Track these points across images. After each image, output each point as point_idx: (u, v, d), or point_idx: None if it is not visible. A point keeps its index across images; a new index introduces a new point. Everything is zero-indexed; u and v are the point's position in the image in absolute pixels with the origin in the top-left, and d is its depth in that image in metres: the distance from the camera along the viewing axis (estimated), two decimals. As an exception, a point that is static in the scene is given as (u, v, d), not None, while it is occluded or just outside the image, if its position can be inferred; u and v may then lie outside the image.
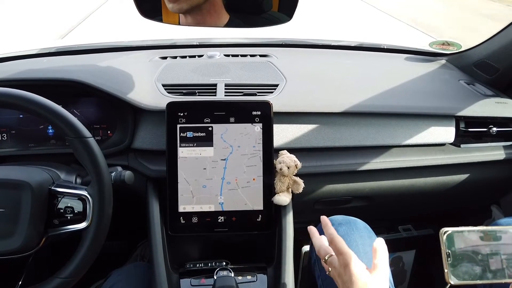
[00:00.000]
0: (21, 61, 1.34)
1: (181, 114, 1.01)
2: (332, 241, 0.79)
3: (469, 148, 1.20)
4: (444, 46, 1.49)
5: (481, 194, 1.34)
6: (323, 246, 0.84)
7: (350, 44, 1.63)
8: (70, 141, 0.86)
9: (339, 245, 0.78)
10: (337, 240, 0.78)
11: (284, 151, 1.06)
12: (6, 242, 0.82)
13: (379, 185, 1.17)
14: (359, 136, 1.12)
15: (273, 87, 1.16)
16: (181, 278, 0.97)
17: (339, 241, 0.78)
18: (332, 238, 0.80)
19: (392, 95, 1.20)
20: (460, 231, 0.81)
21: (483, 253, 0.81)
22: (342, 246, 0.77)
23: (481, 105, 1.20)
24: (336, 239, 0.79)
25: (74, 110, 1.11)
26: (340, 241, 0.78)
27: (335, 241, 0.79)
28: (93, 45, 1.54)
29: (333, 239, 0.79)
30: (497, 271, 0.80)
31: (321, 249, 0.84)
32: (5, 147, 1.11)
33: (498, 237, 0.82)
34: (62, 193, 0.87)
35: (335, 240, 0.79)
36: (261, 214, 1.02)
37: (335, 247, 0.79)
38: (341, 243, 0.78)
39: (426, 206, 1.34)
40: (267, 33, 1.39)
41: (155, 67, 1.28)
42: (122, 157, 1.09)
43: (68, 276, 0.85)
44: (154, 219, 1.01)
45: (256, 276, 0.96)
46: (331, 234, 0.81)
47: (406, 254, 1.49)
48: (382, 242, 0.78)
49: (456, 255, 0.80)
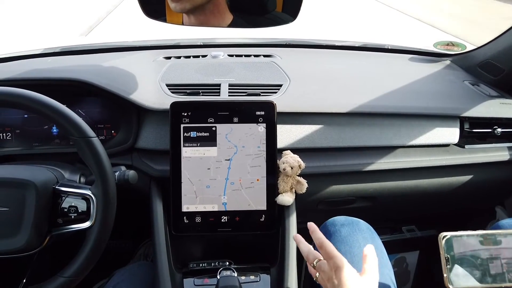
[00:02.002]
0: (25, 61, 1.35)
1: (185, 114, 1.01)
2: (321, 246, 0.79)
3: (473, 149, 1.19)
4: (449, 47, 1.49)
5: (486, 195, 1.34)
6: (311, 251, 0.84)
7: (354, 45, 1.63)
8: (74, 140, 0.86)
9: (329, 249, 0.77)
10: (326, 244, 0.78)
11: (287, 151, 1.05)
12: (11, 241, 0.83)
13: (383, 186, 1.17)
14: (363, 137, 1.12)
15: (277, 87, 1.15)
16: (185, 278, 0.97)
17: (329, 245, 0.78)
18: (321, 243, 0.79)
19: (396, 96, 1.19)
20: (459, 235, 0.81)
21: (482, 257, 0.80)
22: (332, 250, 0.77)
23: (486, 106, 1.20)
24: (326, 243, 0.79)
25: (78, 109, 1.11)
26: (330, 245, 0.78)
27: (325, 245, 0.78)
28: (98, 45, 1.55)
29: (323, 244, 0.79)
30: (497, 275, 0.80)
31: (310, 254, 0.83)
32: (10, 146, 1.11)
33: (498, 241, 0.81)
34: (66, 193, 0.88)
35: (325, 244, 0.79)
36: (265, 214, 1.02)
37: (325, 251, 0.78)
38: (331, 247, 0.78)
39: (430, 207, 1.34)
40: (271, 33, 1.39)
41: (159, 67, 1.28)
42: (126, 157, 1.09)
43: (72, 275, 0.85)
44: (157, 218, 1.01)
45: (259, 276, 0.96)
46: (320, 238, 0.80)
47: (410, 255, 1.48)
48: (372, 249, 0.80)
49: (455, 259, 0.80)
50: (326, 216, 1.09)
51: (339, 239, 1.01)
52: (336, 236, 1.02)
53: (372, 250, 0.79)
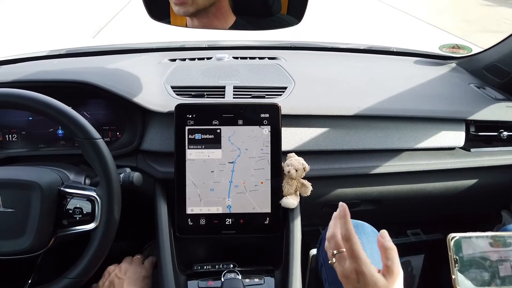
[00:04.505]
0: (31, 63, 1.36)
1: (190, 116, 1.01)
2: (348, 239, 0.74)
3: (479, 153, 1.18)
4: (454, 50, 1.48)
5: (491, 199, 1.33)
6: (335, 237, 0.77)
7: (359, 47, 1.63)
8: (79, 142, 0.86)
9: (355, 247, 0.73)
10: (354, 241, 0.73)
11: (292, 154, 1.05)
12: (16, 242, 0.83)
13: (388, 189, 1.16)
14: (368, 140, 1.12)
15: (281, 89, 1.15)
16: (189, 280, 0.97)
17: (356, 243, 0.73)
18: (349, 237, 0.74)
19: (402, 99, 1.19)
20: (468, 237, 0.80)
21: (492, 259, 0.80)
22: (358, 250, 0.73)
23: (492, 109, 1.19)
24: (353, 240, 0.73)
25: (83, 111, 1.12)
26: (357, 243, 0.73)
27: (352, 241, 0.73)
28: (103, 47, 1.55)
29: (350, 238, 0.73)
30: (506, 278, 0.79)
31: (332, 239, 0.78)
32: (16, 148, 1.12)
33: (508, 243, 0.81)
34: (71, 194, 0.88)
35: (352, 240, 0.73)
36: (269, 216, 1.02)
37: (350, 247, 0.73)
38: (357, 246, 0.73)
39: (436, 211, 1.33)
40: (276, 36, 1.39)
41: (164, 69, 1.29)
42: (131, 159, 1.09)
43: (77, 277, 0.85)
44: (162, 220, 1.01)
45: (263, 279, 0.96)
46: (349, 230, 0.74)
47: (415, 259, 1.48)
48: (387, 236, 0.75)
49: (464, 261, 0.79)
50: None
51: None
52: None
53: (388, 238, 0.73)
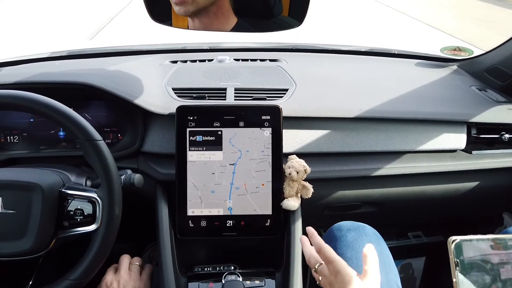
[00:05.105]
0: (32, 65, 1.36)
1: (191, 118, 1.01)
2: (320, 250, 0.79)
3: (480, 155, 1.18)
4: (456, 52, 1.48)
5: (493, 201, 1.33)
6: (313, 255, 0.84)
7: (360, 49, 1.63)
8: (80, 143, 0.86)
9: (328, 253, 0.77)
10: (325, 249, 0.78)
11: (293, 156, 1.05)
12: (17, 243, 0.83)
13: (389, 191, 1.16)
14: (369, 142, 1.12)
15: (282, 91, 1.15)
16: (189, 282, 0.97)
17: (328, 249, 0.78)
18: (320, 247, 0.79)
19: (403, 101, 1.19)
20: (469, 239, 0.80)
21: (493, 262, 0.79)
22: (331, 255, 0.77)
23: (493, 111, 1.19)
24: (324, 248, 0.78)
25: (85, 113, 1.12)
26: (329, 250, 0.78)
27: (324, 250, 0.78)
28: (104, 49, 1.55)
29: (321, 248, 0.79)
30: (508, 281, 0.79)
31: (311, 258, 0.83)
32: (17, 149, 1.12)
33: (509, 246, 0.80)
34: (72, 195, 0.88)
35: (324, 249, 0.78)
36: (270, 218, 1.02)
37: (324, 256, 0.78)
38: (330, 252, 0.77)
39: (437, 213, 1.33)
40: (277, 38, 1.39)
41: (165, 71, 1.29)
42: (132, 160, 1.10)
43: (78, 278, 0.85)
44: (163, 222, 1.01)
45: (264, 281, 0.96)
46: (318, 243, 0.80)
47: (416, 261, 1.48)
48: (372, 248, 0.78)
49: (465, 264, 0.79)
50: (332, 221, 1.09)
51: (345, 244, 1.00)
52: (342, 241, 1.01)
53: (371, 249, 0.78)
